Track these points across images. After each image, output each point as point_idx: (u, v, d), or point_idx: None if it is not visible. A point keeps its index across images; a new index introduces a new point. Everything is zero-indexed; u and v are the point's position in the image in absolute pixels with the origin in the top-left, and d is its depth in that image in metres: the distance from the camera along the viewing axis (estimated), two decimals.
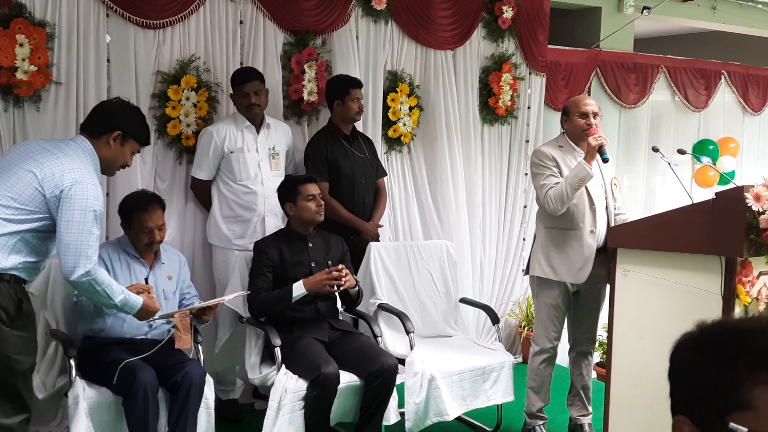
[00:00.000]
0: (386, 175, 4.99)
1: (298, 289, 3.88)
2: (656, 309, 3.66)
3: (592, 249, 4.03)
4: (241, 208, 4.41)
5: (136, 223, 3.75)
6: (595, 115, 4.11)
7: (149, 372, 3.46)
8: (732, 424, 1.09)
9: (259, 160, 4.43)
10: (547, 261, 4.13)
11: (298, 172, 4.68)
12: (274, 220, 4.44)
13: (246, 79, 4.35)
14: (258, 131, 4.45)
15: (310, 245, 4.08)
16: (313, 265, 4.04)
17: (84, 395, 3.38)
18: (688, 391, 1.18)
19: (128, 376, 3.40)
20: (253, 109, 4.38)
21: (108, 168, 3.28)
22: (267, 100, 4.47)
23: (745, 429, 1.08)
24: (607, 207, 4.17)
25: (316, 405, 3.64)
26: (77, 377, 3.44)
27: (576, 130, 4.13)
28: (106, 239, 4.16)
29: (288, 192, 4.08)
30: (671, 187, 6.65)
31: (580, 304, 4.26)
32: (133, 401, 3.38)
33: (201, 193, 4.50)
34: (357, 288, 4.09)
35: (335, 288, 3.89)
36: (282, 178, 4.49)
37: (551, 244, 4.13)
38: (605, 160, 4.01)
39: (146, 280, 3.76)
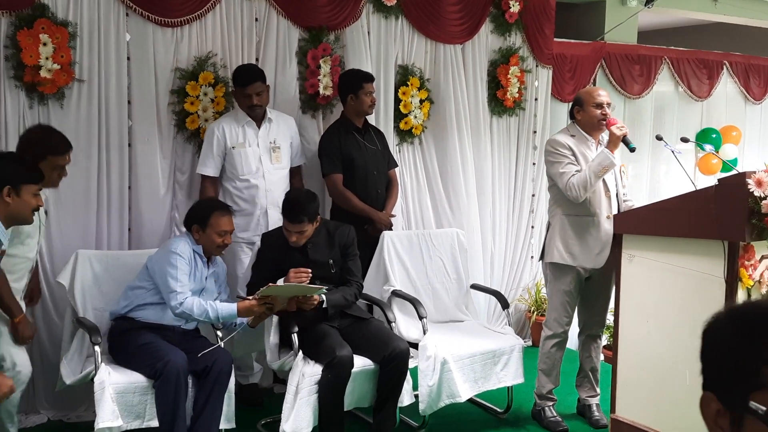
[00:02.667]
0: (397, 166, 4.98)
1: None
2: (661, 293, 3.65)
3: (609, 234, 4.01)
4: (245, 202, 4.39)
5: (213, 225, 3.76)
6: (608, 105, 4.10)
7: (181, 356, 3.50)
8: (752, 403, 1.07)
9: (260, 154, 4.40)
10: (566, 247, 4.11)
11: (306, 162, 4.71)
12: (276, 213, 4.39)
13: (248, 82, 4.30)
14: (259, 126, 4.42)
15: (309, 246, 3.95)
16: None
17: (109, 380, 3.40)
18: (715, 368, 1.15)
19: (161, 359, 3.44)
20: (255, 110, 4.36)
21: (18, 220, 3.07)
22: (268, 96, 4.45)
23: (764, 408, 1.06)
24: (617, 194, 4.17)
25: (330, 388, 3.64)
26: (103, 363, 3.47)
27: (592, 120, 4.09)
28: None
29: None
30: (675, 175, 6.62)
31: (591, 289, 4.25)
32: (164, 384, 3.42)
33: (211, 194, 4.36)
34: (324, 304, 3.83)
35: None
36: (285, 171, 4.49)
37: (570, 230, 4.11)
38: (632, 150, 4.01)
39: (205, 279, 3.81)
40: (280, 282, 3.75)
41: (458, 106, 5.35)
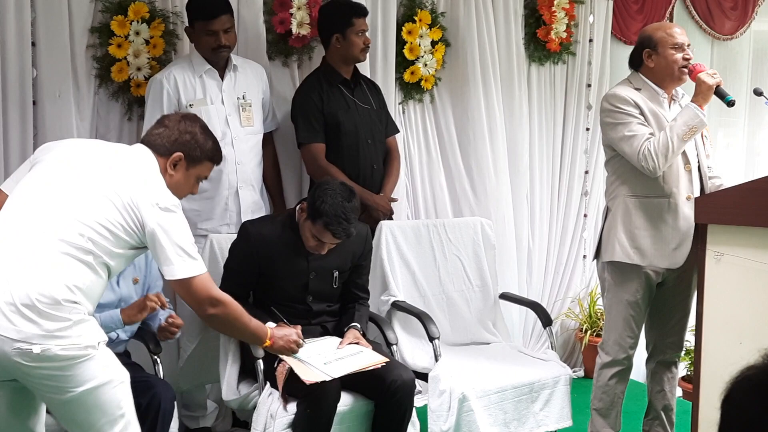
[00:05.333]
0: (399, 131, 5.00)
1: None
2: (759, 304, 3.65)
3: (690, 222, 3.99)
4: (206, 181, 4.38)
5: None
6: (688, 46, 4.10)
7: None
8: None
9: (226, 114, 4.42)
10: (632, 240, 4.09)
11: (279, 126, 4.74)
12: (250, 194, 4.46)
13: (214, 14, 4.28)
14: (222, 76, 4.44)
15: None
16: (312, 276, 3.99)
17: None
18: None
19: None
20: (221, 52, 4.36)
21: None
22: (236, 37, 4.46)
23: None
24: (700, 167, 4.16)
25: (309, 430, 3.66)
26: None
27: (671, 67, 4.07)
28: None
29: None
30: None
31: (665, 299, 4.25)
32: None
33: None
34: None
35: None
36: (258, 137, 4.50)
37: (637, 218, 4.09)
38: (730, 104, 3.96)
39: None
40: (323, 344, 3.84)
41: (484, 50, 5.36)
